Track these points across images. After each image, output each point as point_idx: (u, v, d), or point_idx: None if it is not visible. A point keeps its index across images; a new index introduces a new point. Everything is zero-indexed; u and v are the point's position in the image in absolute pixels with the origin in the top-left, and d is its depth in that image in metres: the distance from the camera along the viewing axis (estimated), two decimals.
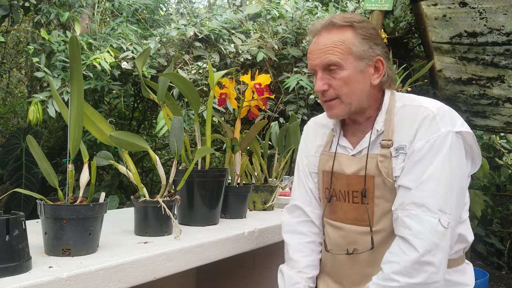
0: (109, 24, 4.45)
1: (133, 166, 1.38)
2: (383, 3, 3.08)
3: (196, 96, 1.55)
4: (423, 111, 1.18)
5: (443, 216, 1.09)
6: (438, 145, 1.13)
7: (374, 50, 1.21)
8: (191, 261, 1.29)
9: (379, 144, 1.21)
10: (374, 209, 1.20)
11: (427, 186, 1.11)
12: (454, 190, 1.12)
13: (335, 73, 1.20)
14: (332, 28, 1.22)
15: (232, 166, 1.79)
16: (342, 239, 1.27)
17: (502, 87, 3.50)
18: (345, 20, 1.21)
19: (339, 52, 1.19)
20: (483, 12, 2.70)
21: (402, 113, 1.21)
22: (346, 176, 1.25)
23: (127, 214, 1.74)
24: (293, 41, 4.10)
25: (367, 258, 1.21)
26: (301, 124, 3.95)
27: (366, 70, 1.21)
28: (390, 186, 1.18)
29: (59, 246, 1.12)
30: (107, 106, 4.01)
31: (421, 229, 1.08)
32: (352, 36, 1.20)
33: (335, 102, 1.23)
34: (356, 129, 1.29)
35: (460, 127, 1.16)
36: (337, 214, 1.28)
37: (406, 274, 1.08)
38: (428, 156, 1.13)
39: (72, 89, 1.15)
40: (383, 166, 1.18)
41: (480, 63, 3.24)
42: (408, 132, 1.17)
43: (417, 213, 1.10)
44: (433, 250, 1.07)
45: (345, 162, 1.26)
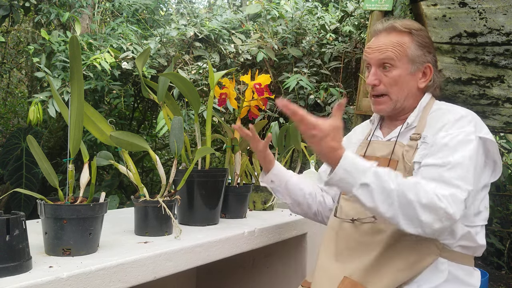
0: (109, 24, 4.45)
1: (133, 166, 1.39)
2: (383, 3, 3.09)
3: (196, 96, 1.55)
4: (454, 112, 1.27)
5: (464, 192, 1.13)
6: (462, 138, 1.19)
7: (426, 57, 1.33)
8: (191, 261, 1.29)
9: (409, 137, 1.30)
10: None
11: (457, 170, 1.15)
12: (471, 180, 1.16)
13: (387, 71, 1.31)
14: (393, 31, 1.33)
15: (232, 166, 1.79)
16: (352, 210, 1.34)
17: (502, 87, 3.50)
18: (405, 26, 1.33)
19: (396, 51, 1.30)
20: (483, 12, 2.70)
21: (435, 113, 1.31)
22: (376, 158, 1.34)
23: (127, 214, 1.74)
24: (293, 41, 4.10)
25: (368, 228, 1.28)
26: None
27: (415, 73, 1.33)
28: (408, 170, 1.25)
29: (59, 246, 1.13)
30: (107, 106, 4.01)
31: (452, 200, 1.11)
32: (409, 41, 1.32)
33: (384, 98, 1.34)
34: (392, 124, 1.40)
35: (485, 134, 1.23)
36: None
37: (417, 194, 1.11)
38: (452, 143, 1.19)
39: (72, 89, 1.16)
40: (407, 155, 1.27)
41: (480, 63, 3.24)
42: (435, 127, 1.26)
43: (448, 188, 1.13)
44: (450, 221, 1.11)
45: (377, 146, 1.37)
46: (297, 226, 1.79)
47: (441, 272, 1.21)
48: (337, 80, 3.95)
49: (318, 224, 1.90)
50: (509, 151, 5.34)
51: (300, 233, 1.82)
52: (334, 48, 3.98)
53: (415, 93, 1.35)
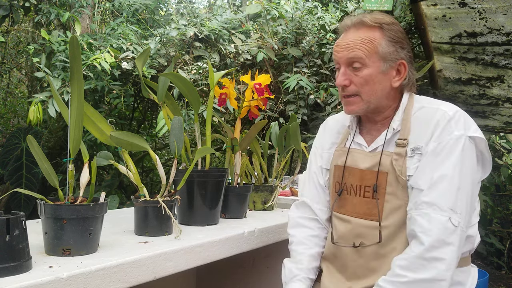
0: (109, 24, 4.45)
1: (133, 166, 1.39)
2: (382, 4, 3.09)
3: (196, 96, 1.55)
4: (440, 113, 1.19)
5: (453, 215, 1.10)
6: (450, 147, 1.15)
7: (399, 53, 1.24)
8: (191, 261, 1.29)
9: (394, 142, 1.23)
10: (384, 205, 1.21)
11: (439, 186, 1.12)
12: (465, 192, 1.14)
13: (358, 70, 1.23)
14: (362, 26, 1.24)
15: (232, 166, 1.79)
16: (349, 232, 1.27)
17: (502, 87, 3.50)
18: (375, 20, 1.23)
19: (366, 49, 1.21)
20: (483, 12, 2.69)
21: (419, 114, 1.23)
22: (360, 171, 1.27)
23: (127, 214, 1.74)
24: (293, 41, 4.10)
25: (373, 252, 1.22)
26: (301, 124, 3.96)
27: (388, 71, 1.24)
28: (403, 184, 1.19)
29: (59, 246, 1.13)
30: (107, 106, 4.01)
31: (430, 226, 1.09)
32: (380, 37, 1.22)
33: (355, 98, 1.25)
34: (372, 128, 1.31)
35: (473, 132, 1.18)
36: (346, 207, 1.30)
37: (412, 269, 1.08)
38: (440, 158, 1.15)
39: (72, 89, 1.15)
40: (397, 164, 1.20)
41: (480, 63, 3.24)
42: (425, 133, 1.19)
43: (428, 211, 1.11)
44: (442, 246, 1.08)
45: (359, 157, 1.29)
46: None
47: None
48: None
49: None
50: (509, 151, 5.34)
51: None
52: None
53: (389, 93, 1.25)
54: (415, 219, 1.13)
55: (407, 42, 1.27)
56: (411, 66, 1.27)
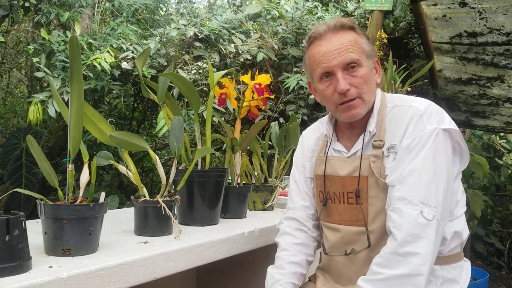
0: (109, 24, 4.45)
1: (133, 166, 1.38)
2: (383, 3, 3.08)
3: (196, 96, 1.55)
4: (412, 110, 1.19)
5: (425, 208, 1.09)
6: (422, 143, 1.14)
7: (373, 51, 1.27)
8: (191, 261, 1.29)
9: (371, 144, 1.23)
10: (368, 209, 1.21)
11: (409, 180, 1.12)
12: (441, 184, 1.12)
13: (355, 72, 1.21)
14: (340, 29, 1.23)
15: (232, 166, 1.79)
16: (339, 240, 1.28)
17: (502, 87, 3.50)
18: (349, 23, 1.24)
19: (357, 50, 1.22)
20: (483, 12, 2.70)
21: (393, 113, 1.23)
22: (341, 178, 1.26)
23: (127, 214, 1.74)
24: (293, 41, 4.10)
25: (365, 257, 1.23)
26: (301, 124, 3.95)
27: (373, 69, 1.27)
28: (383, 186, 1.19)
29: (59, 246, 1.12)
30: (107, 106, 4.01)
31: (401, 221, 1.09)
32: (359, 37, 1.24)
33: (357, 101, 1.22)
34: (351, 133, 1.31)
35: (447, 125, 1.17)
36: (333, 216, 1.30)
37: (387, 266, 1.08)
38: (412, 153, 1.15)
39: (72, 89, 1.15)
40: (375, 166, 1.20)
41: (480, 63, 3.24)
42: (399, 131, 1.19)
43: (399, 206, 1.11)
44: (415, 241, 1.07)
45: (338, 164, 1.28)
46: None
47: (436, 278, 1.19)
48: None
49: None
50: (509, 151, 5.34)
51: None
52: None
53: (375, 90, 1.27)
54: (389, 215, 1.13)
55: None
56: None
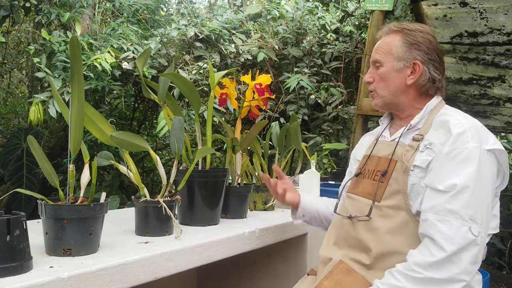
0: (109, 25, 4.45)
1: (133, 166, 1.39)
2: (383, 3, 3.08)
3: (196, 96, 1.55)
4: (457, 122, 1.26)
5: (473, 225, 1.15)
6: (465, 156, 1.19)
7: (411, 53, 1.35)
8: (192, 261, 1.29)
9: (411, 137, 1.33)
10: (386, 188, 1.31)
11: (463, 196, 1.17)
12: (485, 203, 1.19)
13: (377, 69, 1.40)
14: (389, 32, 1.41)
15: (232, 166, 1.79)
16: (352, 207, 1.39)
17: (502, 87, 3.49)
18: (398, 26, 1.39)
19: (383, 51, 1.38)
20: (483, 12, 2.69)
21: (441, 118, 1.31)
22: (378, 158, 1.39)
23: (128, 214, 1.74)
24: (294, 41, 4.10)
25: (364, 226, 1.32)
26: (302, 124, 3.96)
27: (403, 70, 1.36)
28: (405, 170, 1.27)
29: (60, 246, 1.13)
30: (108, 106, 4.01)
31: (452, 234, 1.14)
32: (398, 40, 1.37)
33: (373, 93, 1.42)
34: (397, 124, 1.44)
35: (491, 145, 1.22)
36: (357, 188, 1.42)
37: (429, 270, 1.14)
38: (455, 162, 1.20)
39: (73, 89, 1.15)
40: (407, 155, 1.29)
41: (480, 63, 3.23)
42: (440, 135, 1.26)
43: (450, 219, 1.16)
44: (460, 253, 1.13)
45: (382, 147, 1.42)
46: (298, 226, 1.78)
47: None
48: (337, 80, 3.95)
49: None
50: (510, 151, 5.33)
51: (301, 233, 1.82)
52: (335, 48, 3.98)
53: (405, 90, 1.37)
54: (434, 223, 1.17)
55: (427, 46, 1.35)
56: (434, 69, 1.36)
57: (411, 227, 1.24)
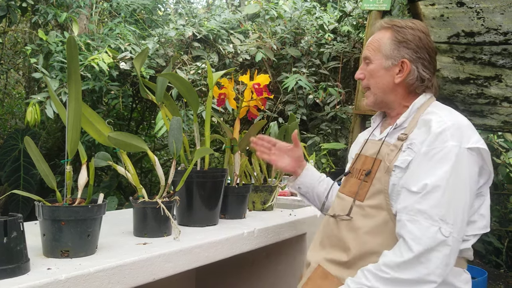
0: (107, 25, 4.44)
1: (131, 167, 1.38)
2: (381, 3, 3.09)
3: (195, 96, 1.55)
4: (438, 120, 1.23)
5: (444, 226, 1.13)
6: (443, 155, 1.17)
7: (400, 52, 1.33)
8: (190, 262, 1.29)
9: (397, 136, 1.31)
10: (370, 188, 1.30)
11: (433, 196, 1.15)
12: (460, 203, 1.16)
13: (367, 66, 1.39)
14: (380, 28, 1.39)
15: (231, 167, 1.78)
16: (338, 206, 1.39)
17: (499, 86, 3.50)
18: (389, 22, 1.38)
19: (372, 48, 1.37)
20: (480, 12, 2.69)
21: (426, 117, 1.28)
22: (365, 157, 1.38)
23: (126, 215, 1.74)
24: (292, 41, 4.10)
25: (346, 225, 1.32)
26: (300, 124, 3.96)
27: (391, 68, 1.34)
28: (387, 170, 1.26)
29: (57, 248, 1.12)
30: (105, 107, 4.00)
31: (420, 235, 1.13)
32: (387, 37, 1.35)
33: (368, 92, 1.41)
34: (387, 122, 1.44)
35: (473, 143, 1.19)
36: (345, 187, 1.42)
37: (396, 270, 1.13)
38: (432, 163, 1.18)
39: (70, 90, 1.15)
40: (391, 154, 1.28)
41: (477, 62, 3.24)
42: (423, 135, 1.24)
43: (419, 219, 1.15)
44: (429, 254, 1.12)
45: (370, 146, 1.41)
46: (297, 226, 1.78)
47: None
48: (335, 80, 3.95)
49: (317, 223, 1.90)
50: (507, 150, 5.34)
51: (300, 233, 1.82)
52: (333, 48, 3.98)
53: (393, 89, 1.35)
54: (405, 224, 1.17)
55: (417, 44, 1.32)
56: (423, 68, 1.33)
57: (391, 227, 1.23)
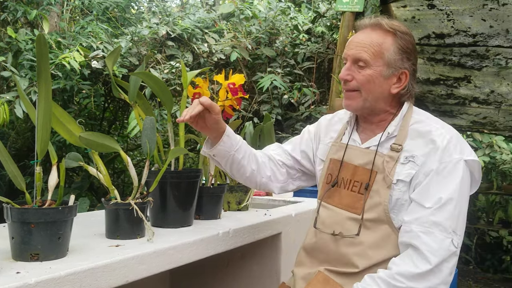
0: (78, 23, 4.36)
1: (103, 167, 1.36)
2: (354, 5, 3.13)
3: (169, 95, 1.53)
4: (439, 133, 1.24)
5: (455, 237, 1.18)
6: (450, 170, 1.21)
7: (403, 63, 1.27)
8: (164, 264, 1.28)
9: (389, 146, 1.28)
10: (367, 201, 1.27)
11: (447, 209, 1.18)
12: (464, 214, 1.22)
13: (362, 69, 1.27)
14: (378, 28, 1.29)
15: (206, 167, 1.77)
16: (330, 219, 1.34)
17: (468, 87, 3.60)
18: (391, 26, 1.28)
19: (372, 52, 1.26)
20: (450, 14, 2.76)
21: (418, 126, 1.28)
22: (354, 167, 1.33)
23: (98, 217, 1.71)
24: (267, 41, 4.11)
25: (348, 244, 1.28)
26: (275, 124, 3.97)
27: (390, 77, 1.28)
28: (388, 184, 1.24)
29: (27, 251, 1.09)
30: (77, 106, 3.93)
31: (437, 247, 1.16)
32: (390, 43, 1.27)
33: (355, 93, 1.30)
34: (367, 128, 1.37)
35: (468, 156, 1.23)
36: (333, 198, 1.36)
37: (412, 280, 1.15)
38: (441, 177, 1.21)
39: (40, 89, 1.12)
40: (388, 166, 1.25)
41: (447, 63, 3.32)
42: (421, 146, 1.24)
43: (434, 231, 1.17)
44: (442, 265, 1.15)
45: (355, 154, 1.34)
46: (272, 226, 1.79)
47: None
48: (310, 80, 3.98)
49: (293, 223, 1.91)
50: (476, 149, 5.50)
51: (275, 232, 1.83)
52: (307, 49, 4.01)
53: (386, 97, 1.30)
54: (419, 235, 1.18)
55: (414, 55, 1.30)
56: (413, 79, 1.31)
57: (393, 239, 1.24)
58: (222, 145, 1.39)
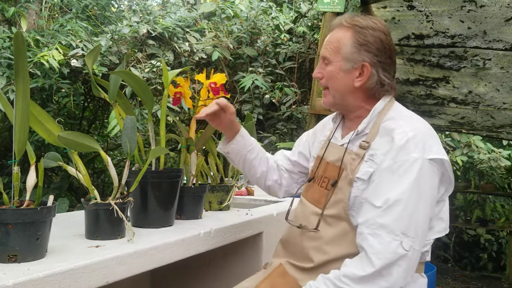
0: (57, 21, 4.29)
1: (83, 167, 1.34)
2: (335, 5, 3.16)
3: (149, 95, 1.52)
4: (400, 131, 1.21)
5: (405, 239, 1.13)
6: (405, 169, 1.17)
7: (361, 55, 1.27)
8: (145, 264, 1.27)
9: (359, 143, 1.28)
10: (332, 197, 1.28)
11: (394, 210, 1.15)
12: (421, 215, 1.17)
13: (326, 66, 1.33)
14: (341, 27, 1.33)
15: (187, 166, 1.77)
16: (301, 213, 1.38)
17: (447, 87, 3.67)
18: (350, 22, 1.31)
19: (331, 49, 1.31)
20: (429, 15, 2.81)
21: (386, 124, 1.26)
22: (327, 163, 1.36)
23: (77, 217, 1.68)
24: (248, 41, 4.11)
25: (310, 238, 1.31)
26: (257, 124, 3.98)
27: (351, 71, 1.29)
28: (349, 181, 1.25)
29: (4, 253, 1.07)
30: (56, 105, 3.86)
31: (382, 249, 1.13)
32: (348, 38, 1.29)
33: (326, 91, 1.36)
34: (346, 125, 1.40)
35: (435, 154, 1.19)
36: (308, 193, 1.41)
37: (357, 282, 1.13)
38: (395, 176, 1.17)
39: (17, 88, 1.10)
40: (353, 164, 1.26)
41: (426, 64, 3.38)
42: (384, 144, 1.22)
43: (381, 233, 1.15)
44: (390, 268, 1.12)
45: (332, 150, 1.37)
46: (253, 225, 1.79)
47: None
48: (291, 80, 4.00)
49: (274, 222, 1.92)
50: (454, 149, 5.60)
51: (256, 232, 1.83)
52: (289, 49, 4.03)
53: (353, 92, 1.30)
54: (367, 237, 1.16)
55: (378, 47, 1.28)
56: (383, 71, 1.29)
57: (351, 237, 1.23)
58: (235, 143, 1.50)
